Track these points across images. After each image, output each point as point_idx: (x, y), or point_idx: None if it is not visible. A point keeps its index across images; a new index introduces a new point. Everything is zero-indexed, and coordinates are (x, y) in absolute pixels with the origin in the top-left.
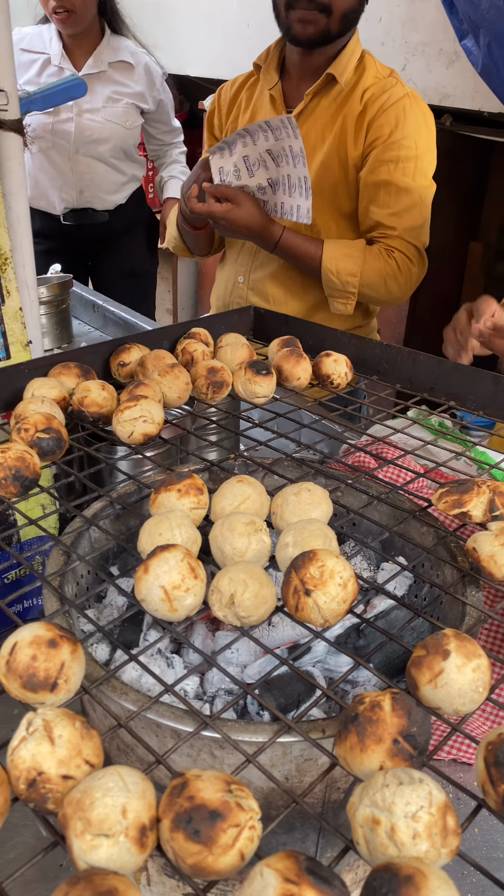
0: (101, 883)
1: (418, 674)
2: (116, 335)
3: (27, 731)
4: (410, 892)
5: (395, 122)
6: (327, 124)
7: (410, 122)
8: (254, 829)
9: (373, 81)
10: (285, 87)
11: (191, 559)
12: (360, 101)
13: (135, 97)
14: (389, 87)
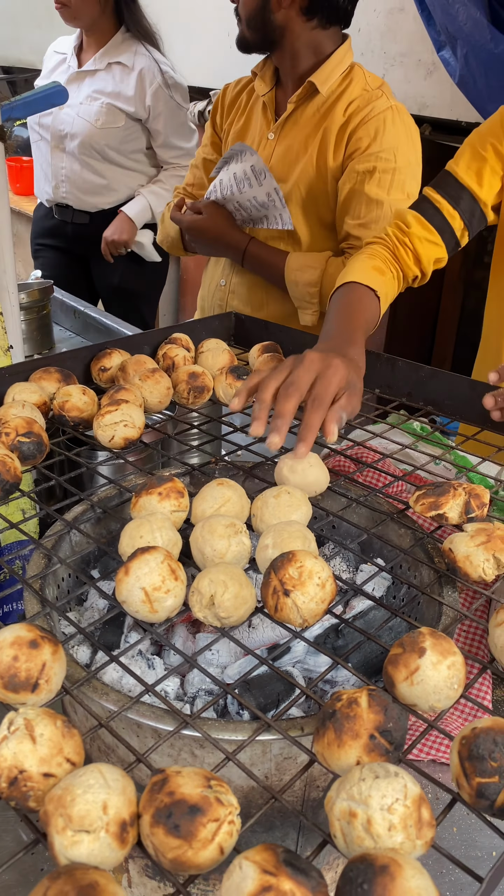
0: (83, 877)
1: (395, 671)
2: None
3: (8, 730)
4: (386, 881)
5: (374, 134)
6: (310, 134)
7: (389, 134)
8: (233, 823)
9: (359, 94)
10: (278, 94)
11: (171, 561)
12: (343, 113)
13: (119, 98)
14: (374, 100)
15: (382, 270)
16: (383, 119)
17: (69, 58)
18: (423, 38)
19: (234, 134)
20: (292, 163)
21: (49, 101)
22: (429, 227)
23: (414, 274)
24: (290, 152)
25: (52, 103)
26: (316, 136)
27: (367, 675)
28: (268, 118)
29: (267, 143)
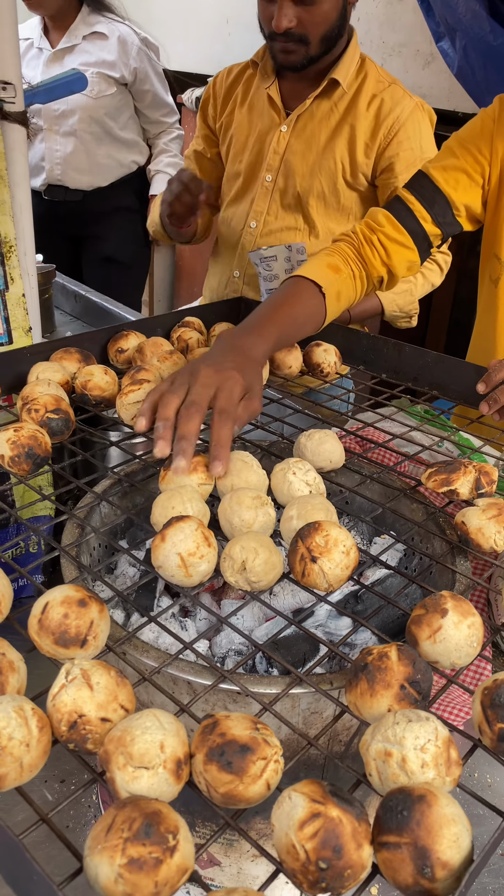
0: (146, 806)
1: (418, 630)
2: (97, 325)
3: (66, 678)
4: (423, 808)
5: (414, 139)
6: (335, 129)
7: (425, 136)
8: (278, 762)
9: (376, 88)
10: (283, 86)
11: (204, 529)
12: (367, 107)
13: (104, 66)
14: (399, 100)
15: (338, 268)
16: (417, 121)
17: (37, 41)
18: (422, 29)
19: (237, 126)
20: (312, 155)
21: (69, 88)
22: (400, 228)
23: (379, 275)
24: (308, 145)
25: (72, 90)
26: (341, 132)
27: None
28: (277, 110)
29: (280, 135)
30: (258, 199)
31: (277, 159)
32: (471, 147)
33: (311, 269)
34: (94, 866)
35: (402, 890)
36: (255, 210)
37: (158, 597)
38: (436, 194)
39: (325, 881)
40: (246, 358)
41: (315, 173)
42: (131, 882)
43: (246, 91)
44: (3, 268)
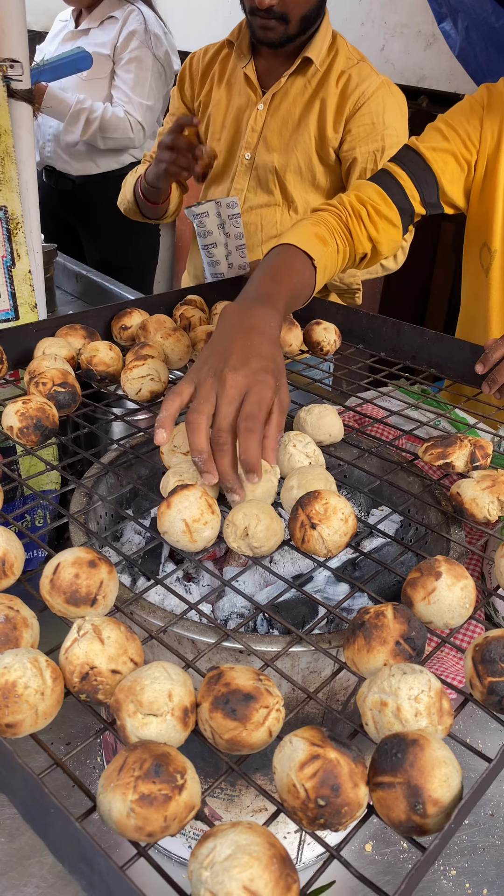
0: (156, 748)
1: (413, 592)
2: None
3: (78, 633)
4: (416, 751)
5: (377, 114)
6: (306, 105)
7: (389, 112)
8: (280, 711)
9: (346, 65)
10: (258, 65)
11: (207, 496)
12: (336, 84)
13: (103, 47)
14: (366, 76)
15: (326, 240)
16: (381, 98)
17: (69, 22)
18: (423, 9)
19: (213, 106)
20: (287, 132)
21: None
22: (391, 204)
23: (364, 250)
24: (286, 124)
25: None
26: (313, 107)
27: None
28: (253, 88)
29: (257, 113)
30: (238, 176)
31: (255, 137)
32: (460, 131)
33: (299, 237)
34: (108, 802)
35: (394, 827)
36: (235, 188)
37: (163, 562)
38: (427, 174)
39: (324, 817)
40: (268, 342)
41: (291, 149)
42: (142, 816)
43: (223, 70)
44: (9, 244)
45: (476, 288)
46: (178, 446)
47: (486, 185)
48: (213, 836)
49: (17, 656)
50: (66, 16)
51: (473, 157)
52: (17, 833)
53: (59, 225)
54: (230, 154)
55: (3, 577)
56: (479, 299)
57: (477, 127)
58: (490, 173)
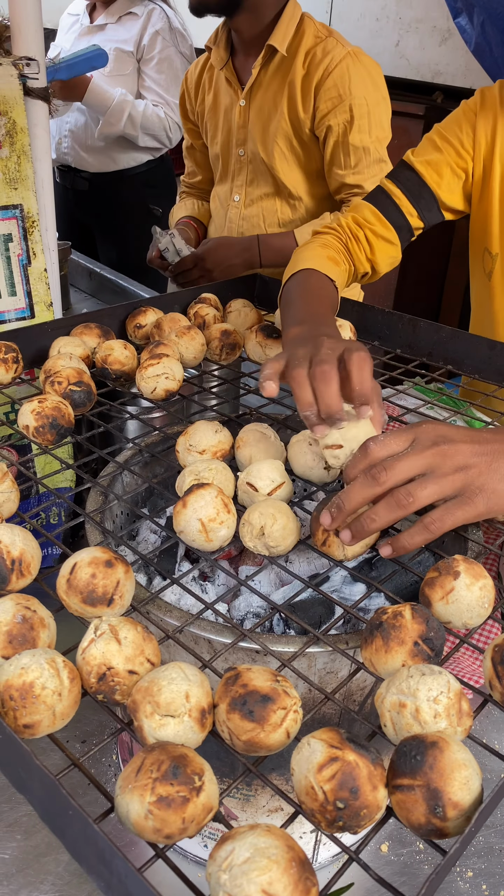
0: (174, 749)
1: (431, 592)
2: (112, 302)
3: (95, 633)
4: (436, 753)
5: (341, 84)
6: (277, 92)
7: (355, 81)
8: (297, 712)
9: (313, 42)
10: (236, 64)
11: (223, 496)
12: (302, 66)
13: (124, 44)
14: (331, 49)
15: (337, 261)
16: (346, 67)
17: (82, 17)
18: (438, 5)
19: (208, 112)
20: (266, 122)
21: (90, 64)
22: (387, 224)
23: (364, 270)
24: (262, 113)
25: (92, 66)
26: (283, 91)
27: None
28: (234, 87)
29: (240, 110)
30: (236, 174)
31: (243, 133)
32: (453, 140)
33: (316, 262)
34: (125, 804)
35: (414, 829)
36: (235, 185)
37: (179, 561)
38: (422, 189)
39: (342, 820)
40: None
41: (273, 138)
42: (160, 818)
43: (210, 78)
44: (25, 243)
45: (481, 292)
46: (194, 445)
47: (483, 189)
48: (231, 838)
49: (34, 657)
50: (77, 10)
51: (469, 164)
52: (34, 830)
53: (73, 225)
54: (227, 154)
55: (20, 576)
56: (484, 303)
57: (470, 134)
58: (486, 176)
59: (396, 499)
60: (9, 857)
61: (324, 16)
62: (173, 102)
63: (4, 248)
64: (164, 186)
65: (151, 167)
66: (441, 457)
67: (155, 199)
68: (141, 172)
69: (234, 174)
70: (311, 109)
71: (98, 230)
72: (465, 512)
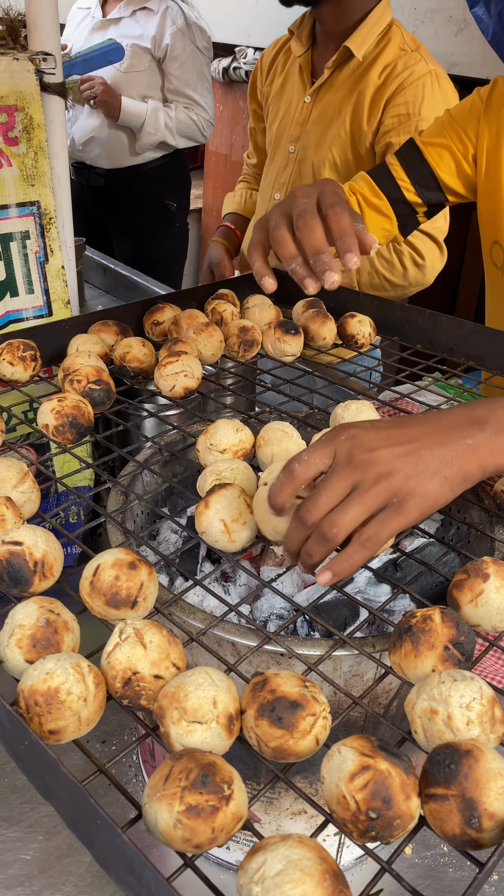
0: (202, 757)
1: (460, 595)
2: (127, 299)
3: (120, 637)
4: (470, 762)
5: (414, 103)
6: (345, 98)
7: (428, 102)
8: (326, 718)
9: (395, 55)
10: (314, 55)
11: (245, 496)
12: (378, 76)
13: (141, 39)
14: (412, 64)
15: None
16: (422, 85)
17: (93, 10)
18: None
19: (273, 95)
20: (327, 126)
21: (106, 59)
22: (380, 195)
23: None
24: (324, 116)
25: (108, 60)
26: (350, 99)
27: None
28: (304, 81)
29: (304, 106)
30: (281, 169)
31: (299, 130)
32: (457, 127)
33: None
34: (154, 812)
35: (448, 840)
36: (278, 181)
37: (201, 562)
38: (421, 165)
39: (375, 830)
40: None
41: (329, 144)
42: (190, 827)
43: (285, 61)
44: (43, 240)
45: (494, 286)
46: (215, 444)
47: (488, 181)
48: (262, 849)
49: (59, 661)
50: (87, 3)
51: (470, 150)
52: (55, 832)
53: (87, 221)
54: (277, 145)
55: (43, 578)
56: (498, 296)
57: (474, 124)
58: (492, 169)
59: (322, 534)
60: (30, 858)
61: None
62: (201, 100)
63: (22, 246)
64: (179, 181)
65: (165, 162)
66: (361, 471)
67: (169, 194)
68: (155, 167)
69: (279, 169)
70: (377, 123)
71: (113, 226)
72: (399, 522)
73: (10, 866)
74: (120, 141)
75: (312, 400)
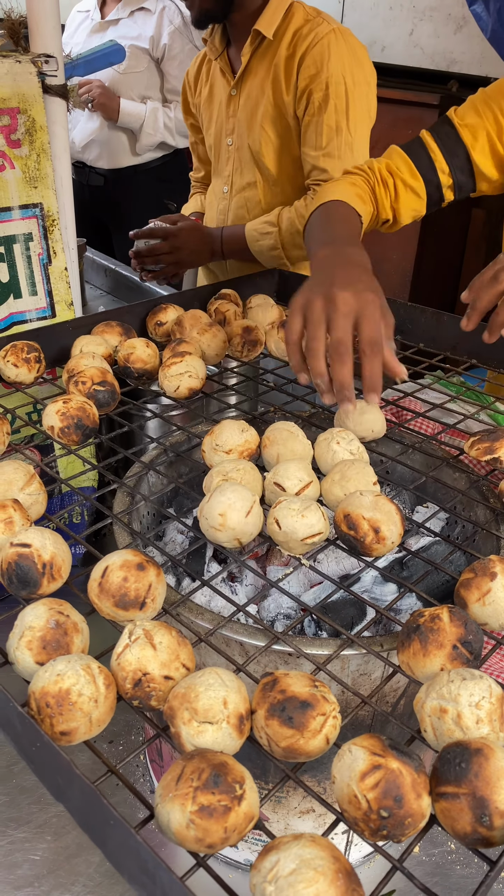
0: (213, 758)
1: (467, 593)
2: (128, 299)
3: (130, 638)
4: (481, 760)
5: (321, 60)
6: (264, 77)
7: (335, 58)
8: (336, 718)
9: (300, 24)
10: (231, 54)
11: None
12: (288, 47)
13: (139, 40)
14: (315, 27)
15: (364, 200)
16: (327, 43)
17: (92, 12)
18: None
19: (203, 104)
20: (254, 108)
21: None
22: (417, 175)
23: (387, 216)
24: (250, 100)
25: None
26: (269, 76)
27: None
28: (227, 79)
29: (231, 99)
30: (225, 164)
31: (232, 122)
32: (494, 107)
33: (344, 195)
34: (166, 813)
35: (459, 838)
36: (224, 175)
37: (208, 562)
38: (457, 146)
39: (387, 829)
40: (366, 272)
41: (259, 123)
42: (202, 827)
43: (208, 70)
44: (46, 241)
45: None
46: (221, 445)
47: None
48: (275, 848)
49: (69, 663)
50: (86, 6)
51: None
52: (64, 832)
53: (88, 221)
54: (218, 145)
55: (52, 580)
56: None
57: None
58: None
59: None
60: (39, 858)
61: (336, 4)
62: None
63: (25, 248)
64: (179, 181)
65: (165, 162)
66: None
67: (169, 194)
68: (155, 167)
69: (223, 165)
70: (293, 89)
71: (113, 226)
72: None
73: (19, 867)
74: (120, 141)
75: (316, 399)
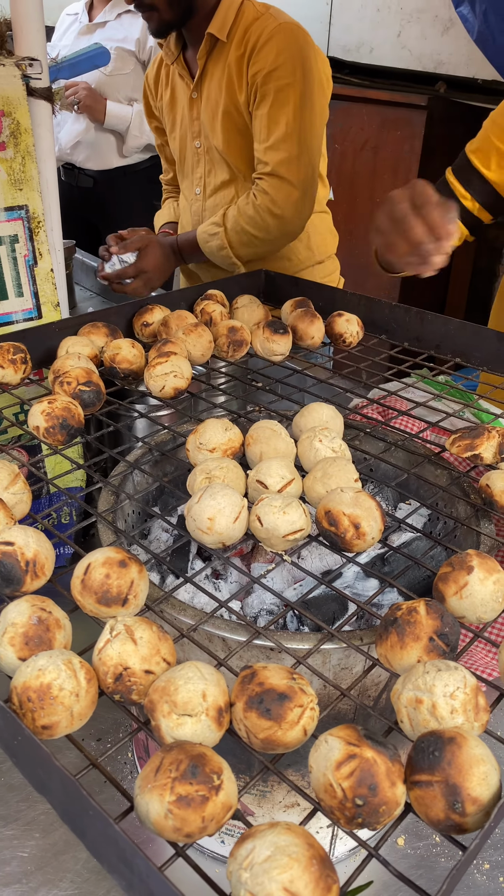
0: (192, 749)
1: (445, 587)
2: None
3: (111, 634)
4: (454, 748)
5: (268, 55)
6: (220, 77)
7: (284, 52)
8: (314, 710)
9: (250, 23)
10: (187, 57)
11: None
12: (239, 46)
13: (125, 42)
14: (263, 24)
15: None
16: (272, 38)
17: (80, 15)
18: None
19: (166, 107)
20: (214, 109)
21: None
22: None
23: None
24: (210, 102)
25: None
26: (224, 76)
27: None
28: (186, 81)
29: (192, 102)
30: (195, 166)
31: (197, 125)
32: (502, 123)
33: None
34: (145, 804)
35: (433, 825)
36: (195, 178)
37: (192, 560)
38: (471, 174)
39: (362, 817)
40: None
41: (221, 124)
42: (180, 817)
43: (167, 74)
44: (31, 243)
45: None
46: (205, 443)
47: None
48: (251, 836)
49: (51, 658)
50: (75, 9)
51: None
52: (51, 829)
53: (77, 223)
54: (185, 148)
55: (35, 578)
56: None
57: None
58: None
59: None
60: (27, 855)
61: (324, 7)
62: None
63: (10, 250)
64: None
65: (155, 163)
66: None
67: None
68: (144, 169)
69: (192, 167)
70: (245, 87)
71: (103, 227)
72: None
73: (7, 864)
74: (108, 142)
75: (303, 399)
